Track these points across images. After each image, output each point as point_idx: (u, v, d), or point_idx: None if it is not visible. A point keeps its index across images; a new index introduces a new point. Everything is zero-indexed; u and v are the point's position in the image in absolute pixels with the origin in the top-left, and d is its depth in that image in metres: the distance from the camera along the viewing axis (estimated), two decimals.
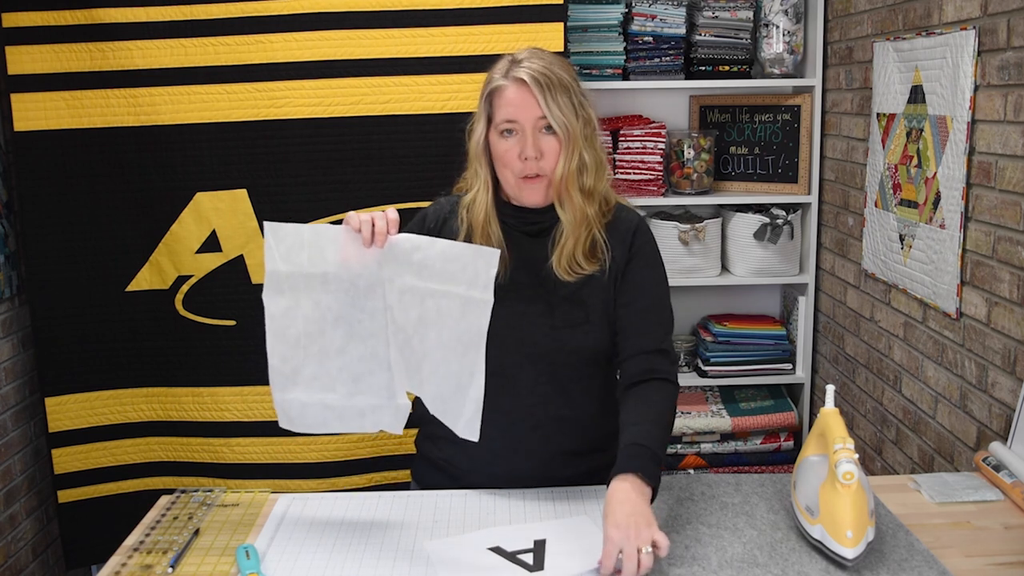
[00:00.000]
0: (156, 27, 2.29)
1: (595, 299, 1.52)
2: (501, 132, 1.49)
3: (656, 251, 1.58)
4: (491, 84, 1.51)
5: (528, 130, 1.46)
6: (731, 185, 3.03)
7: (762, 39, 2.85)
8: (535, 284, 1.53)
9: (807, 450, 1.40)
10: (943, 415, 2.08)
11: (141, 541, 1.42)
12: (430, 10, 2.31)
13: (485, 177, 1.53)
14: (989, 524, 1.42)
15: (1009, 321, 1.80)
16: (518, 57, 1.50)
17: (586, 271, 1.51)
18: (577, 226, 1.50)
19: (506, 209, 1.56)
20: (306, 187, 2.38)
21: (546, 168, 1.48)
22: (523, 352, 1.52)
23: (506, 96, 1.48)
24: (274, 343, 1.40)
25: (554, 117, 1.45)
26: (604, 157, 1.56)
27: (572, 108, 1.47)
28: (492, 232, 1.53)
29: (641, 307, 1.53)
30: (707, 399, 3.00)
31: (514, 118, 1.46)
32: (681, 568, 1.26)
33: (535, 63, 1.47)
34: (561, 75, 1.48)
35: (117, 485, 2.51)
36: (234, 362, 2.45)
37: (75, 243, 2.39)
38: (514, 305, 1.51)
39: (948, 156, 2.00)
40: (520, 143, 1.47)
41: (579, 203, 1.49)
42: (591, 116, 1.52)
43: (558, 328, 1.51)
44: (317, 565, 1.32)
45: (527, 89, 1.45)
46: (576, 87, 1.51)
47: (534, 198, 1.51)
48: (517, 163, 1.48)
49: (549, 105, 1.45)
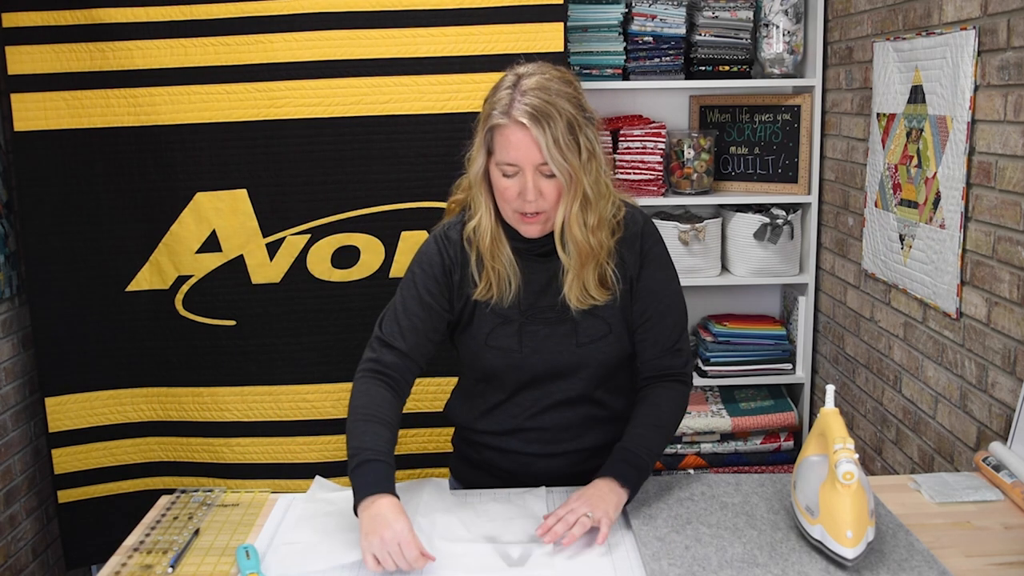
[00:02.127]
0: (156, 27, 2.29)
1: (613, 309, 1.54)
2: (503, 174, 1.45)
3: (665, 251, 1.59)
4: (492, 120, 1.43)
5: (529, 173, 1.42)
6: (731, 185, 3.03)
7: (762, 39, 2.85)
8: (553, 305, 1.53)
9: (807, 450, 1.40)
10: (943, 415, 2.08)
11: (141, 541, 1.42)
12: (430, 10, 2.31)
13: (487, 203, 1.50)
14: (989, 524, 1.42)
15: (1009, 321, 1.80)
16: (522, 86, 1.41)
17: (598, 301, 1.51)
18: (581, 264, 1.48)
19: (514, 233, 1.53)
20: (306, 187, 2.38)
21: (545, 206, 1.45)
22: (552, 372, 1.55)
23: (507, 136, 1.41)
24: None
25: (555, 163, 1.39)
26: (608, 179, 1.50)
27: (575, 145, 1.41)
28: (502, 251, 1.51)
29: (656, 311, 1.56)
30: (707, 399, 2.99)
31: (514, 162, 1.42)
32: (681, 568, 1.26)
33: (538, 97, 1.39)
34: (563, 107, 1.40)
35: (117, 485, 2.51)
36: (234, 362, 2.45)
37: (75, 243, 2.39)
38: (537, 329, 1.53)
39: (948, 156, 2.00)
40: (520, 184, 1.43)
41: (582, 240, 1.46)
42: (594, 142, 1.46)
43: (583, 344, 1.53)
44: (317, 565, 1.32)
45: (528, 133, 1.39)
46: (578, 114, 1.43)
47: (532, 232, 1.49)
48: (516, 201, 1.45)
49: (551, 150, 1.39)
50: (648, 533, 1.37)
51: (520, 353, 1.53)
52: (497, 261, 1.51)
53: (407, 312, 1.53)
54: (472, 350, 1.56)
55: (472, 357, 1.58)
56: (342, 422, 2.46)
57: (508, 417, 1.59)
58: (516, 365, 1.54)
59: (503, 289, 1.51)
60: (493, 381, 1.58)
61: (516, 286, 1.52)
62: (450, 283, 1.54)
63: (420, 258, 1.57)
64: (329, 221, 2.40)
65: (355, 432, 1.42)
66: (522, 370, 1.54)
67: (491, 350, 1.54)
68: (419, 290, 1.53)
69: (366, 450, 1.38)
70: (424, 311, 1.52)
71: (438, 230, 1.59)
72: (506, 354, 1.53)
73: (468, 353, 1.59)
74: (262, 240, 2.40)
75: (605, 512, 1.37)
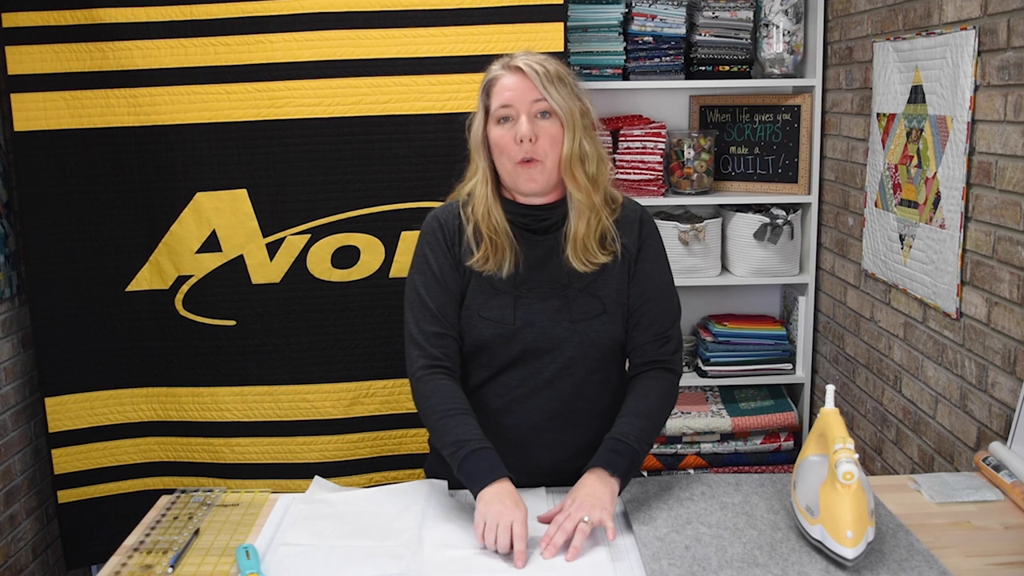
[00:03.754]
0: (156, 27, 2.29)
1: (609, 289, 1.55)
2: (498, 120, 1.51)
3: (660, 240, 1.63)
4: (488, 76, 1.55)
5: (524, 114, 1.48)
6: (731, 185, 3.03)
7: (762, 39, 2.85)
8: (550, 280, 1.55)
9: (807, 450, 1.40)
10: (943, 415, 2.08)
11: (141, 541, 1.42)
12: (430, 10, 2.31)
13: (484, 169, 1.55)
14: (989, 524, 1.42)
15: (1009, 321, 1.80)
16: (515, 55, 1.55)
17: (600, 260, 1.53)
18: (586, 208, 1.52)
19: (512, 207, 1.56)
20: (306, 187, 2.38)
21: (541, 153, 1.49)
22: (543, 347, 1.55)
23: (502, 83, 1.51)
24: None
25: (553, 99, 1.48)
26: (605, 154, 1.57)
27: (571, 95, 1.51)
28: (496, 221, 1.54)
29: (651, 297, 1.58)
30: (707, 399, 2.99)
31: (510, 103, 1.49)
32: (681, 568, 1.26)
33: (532, 57, 1.52)
34: (559, 68, 1.52)
35: (117, 485, 2.51)
36: (234, 362, 2.45)
37: (75, 243, 2.39)
38: (532, 303, 1.54)
39: (948, 156, 2.00)
40: (516, 128, 1.49)
41: (584, 185, 1.51)
42: (589, 110, 1.55)
43: (577, 321, 1.54)
44: (317, 565, 1.32)
45: (523, 76, 1.49)
46: (574, 83, 1.54)
47: (531, 186, 1.51)
48: (513, 147, 1.49)
49: (547, 88, 1.48)
50: (648, 533, 1.37)
51: (513, 325, 1.53)
52: (491, 228, 1.53)
53: (431, 295, 1.55)
54: (464, 322, 1.56)
55: (463, 330, 1.57)
56: (342, 422, 2.49)
57: (494, 397, 1.58)
58: (507, 336, 1.53)
59: (500, 258, 1.53)
60: (481, 356, 1.57)
61: (513, 254, 1.53)
62: (453, 252, 1.57)
63: (424, 239, 1.60)
64: (329, 221, 2.40)
65: (447, 428, 1.46)
66: (512, 343, 1.54)
67: (484, 321, 1.54)
68: (433, 269, 1.56)
69: (469, 441, 1.43)
70: (443, 289, 1.56)
71: (434, 210, 1.64)
72: (498, 325, 1.53)
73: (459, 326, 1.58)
74: (262, 240, 2.40)
75: (602, 510, 1.37)
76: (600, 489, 1.40)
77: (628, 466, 1.45)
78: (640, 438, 1.49)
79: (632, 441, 1.47)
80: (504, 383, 1.57)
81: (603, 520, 1.35)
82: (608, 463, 1.44)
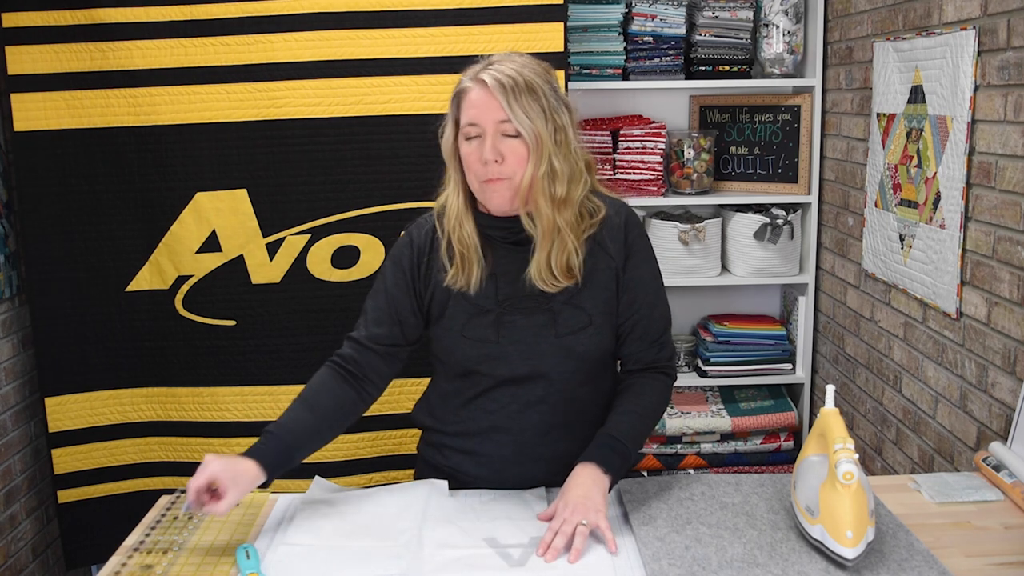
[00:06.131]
0: (156, 27, 2.29)
1: (595, 299, 1.52)
2: (466, 137, 1.45)
3: (648, 243, 1.58)
4: (459, 86, 1.48)
5: (489, 133, 1.42)
6: (731, 185, 3.03)
7: (762, 39, 2.85)
8: (531, 295, 1.50)
9: (807, 450, 1.40)
10: (943, 415, 2.08)
11: (141, 541, 1.42)
12: (430, 10, 2.31)
13: (456, 180, 1.51)
14: (989, 524, 1.42)
15: (1009, 321, 1.80)
16: (491, 60, 1.47)
17: (562, 285, 1.48)
18: (546, 238, 1.45)
19: (487, 220, 1.52)
20: (306, 187, 2.38)
21: (507, 172, 1.43)
22: (531, 364, 1.51)
23: (469, 98, 1.44)
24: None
25: (518, 120, 1.40)
26: (582, 166, 1.49)
27: (541, 113, 1.42)
28: (466, 234, 1.49)
29: (644, 304, 1.54)
30: (707, 399, 3.00)
31: (475, 121, 1.43)
32: (681, 568, 1.26)
33: (505, 67, 1.43)
34: (532, 79, 1.43)
35: (117, 485, 2.51)
36: (234, 362, 2.45)
37: (75, 243, 2.39)
38: (515, 320, 1.50)
39: (948, 156, 2.00)
40: (481, 147, 1.43)
41: (547, 213, 1.44)
42: (565, 123, 1.46)
43: (563, 335, 1.50)
44: (317, 565, 1.32)
45: (489, 92, 1.41)
46: (549, 93, 1.45)
47: (498, 203, 1.46)
48: (479, 166, 1.44)
49: (513, 108, 1.40)
50: (648, 533, 1.37)
51: (497, 344, 1.49)
52: (461, 243, 1.49)
53: (374, 305, 1.58)
54: (447, 343, 1.53)
55: (447, 351, 1.54)
56: None
57: (484, 414, 1.55)
58: (493, 356, 1.50)
59: (469, 273, 1.49)
60: (470, 376, 1.54)
61: (482, 271, 1.49)
62: (416, 271, 1.55)
63: (392, 251, 1.60)
64: (329, 221, 2.39)
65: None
66: (499, 362, 1.50)
67: (467, 341, 1.51)
68: (386, 283, 1.57)
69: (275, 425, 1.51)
70: (388, 303, 1.56)
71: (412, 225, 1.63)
72: (482, 345, 1.50)
73: (443, 348, 1.55)
74: (262, 240, 2.40)
75: (596, 512, 1.35)
76: (592, 490, 1.38)
77: (620, 465, 1.45)
78: (634, 437, 1.48)
79: (626, 439, 1.47)
80: (495, 399, 1.54)
81: (598, 523, 1.34)
82: (602, 459, 1.43)
